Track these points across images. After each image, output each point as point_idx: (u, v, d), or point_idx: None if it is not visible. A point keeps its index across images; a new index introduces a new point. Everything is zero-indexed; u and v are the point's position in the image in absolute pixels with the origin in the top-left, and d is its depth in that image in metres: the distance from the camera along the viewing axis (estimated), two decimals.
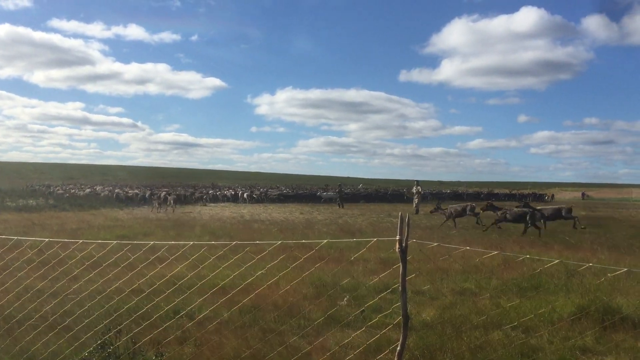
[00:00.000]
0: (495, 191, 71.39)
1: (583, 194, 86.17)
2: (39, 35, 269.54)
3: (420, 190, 30.17)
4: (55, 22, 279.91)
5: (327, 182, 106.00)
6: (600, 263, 10.38)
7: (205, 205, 37.63)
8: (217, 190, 52.07)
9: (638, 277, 8.47)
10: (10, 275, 6.08)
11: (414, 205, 29.26)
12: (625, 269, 4.40)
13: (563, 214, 19.67)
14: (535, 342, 5.84)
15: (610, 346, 5.56)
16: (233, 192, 47.12)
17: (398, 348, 4.22)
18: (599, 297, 7.06)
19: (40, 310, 5.80)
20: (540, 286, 8.29)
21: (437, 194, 55.96)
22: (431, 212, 24.04)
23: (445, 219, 21.37)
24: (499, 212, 19.12)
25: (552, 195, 71.24)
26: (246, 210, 30.50)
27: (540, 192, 72.75)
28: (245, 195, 44.51)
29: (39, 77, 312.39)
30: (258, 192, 47.19)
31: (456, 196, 59.16)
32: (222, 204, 40.00)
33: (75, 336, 5.30)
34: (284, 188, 57.88)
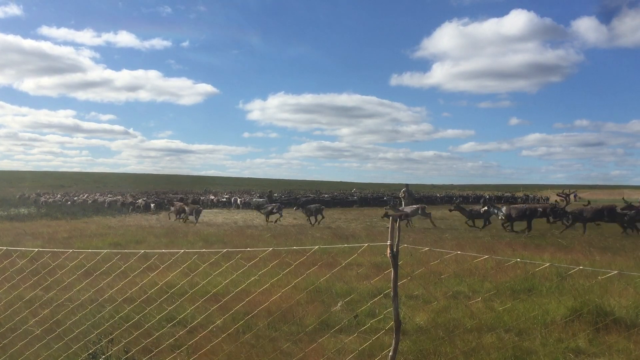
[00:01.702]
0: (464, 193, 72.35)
1: (575, 195, 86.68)
2: (28, 43, 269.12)
3: (403, 194, 29.74)
4: (45, 30, 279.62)
5: (319, 187, 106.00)
6: (592, 265, 10.42)
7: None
8: (202, 195, 52.01)
9: (630, 279, 8.51)
10: None
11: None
12: (616, 271, 4.41)
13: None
14: (529, 344, 5.84)
15: (603, 348, 5.58)
16: (226, 199, 47.08)
17: (390, 353, 4.22)
18: (591, 299, 7.08)
19: (31, 320, 5.75)
20: (533, 289, 8.31)
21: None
22: None
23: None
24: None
25: (547, 198, 71.37)
26: (239, 216, 30.42)
27: (527, 195, 73.16)
28: (238, 201, 44.43)
29: (29, 85, 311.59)
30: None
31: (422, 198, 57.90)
32: (216, 210, 39.90)
33: (66, 346, 5.26)
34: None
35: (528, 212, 19.85)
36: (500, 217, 20.38)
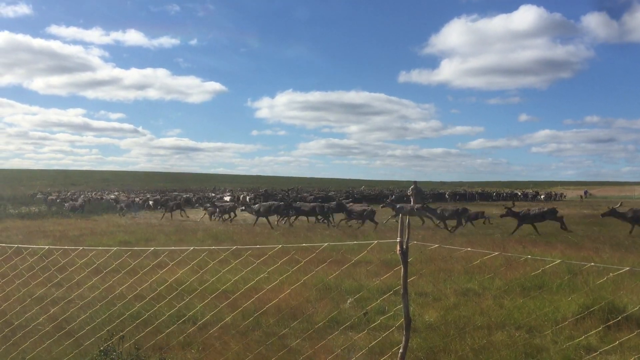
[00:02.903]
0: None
1: (585, 192, 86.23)
2: (38, 42, 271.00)
3: (411, 191, 29.38)
4: (54, 29, 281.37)
5: (328, 184, 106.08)
6: (603, 262, 10.35)
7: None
8: (195, 195, 51.33)
9: None
10: (10, 282, 6.08)
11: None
12: (628, 268, 4.38)
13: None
14: (539, 342, 5.82)
15: (614, 345, 5.53)
16: (230, 197, 47.05)
17: (401, 350, 4.21)
18: (602, 296, 7.03)
19: (42, 317, 5.79)
20: (544, 286, 8.26)
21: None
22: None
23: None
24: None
25: (562, 194, 70.63)
26: (248, 214, 30.42)
27: (537, 191, 72.72)
28: (247, 199, 44.45)
29: (38, 84, 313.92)
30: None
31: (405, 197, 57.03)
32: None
33: (77, 342, 5.29)
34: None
35: (273, 208, 22.72)
36: (251, 213, 23.17)
